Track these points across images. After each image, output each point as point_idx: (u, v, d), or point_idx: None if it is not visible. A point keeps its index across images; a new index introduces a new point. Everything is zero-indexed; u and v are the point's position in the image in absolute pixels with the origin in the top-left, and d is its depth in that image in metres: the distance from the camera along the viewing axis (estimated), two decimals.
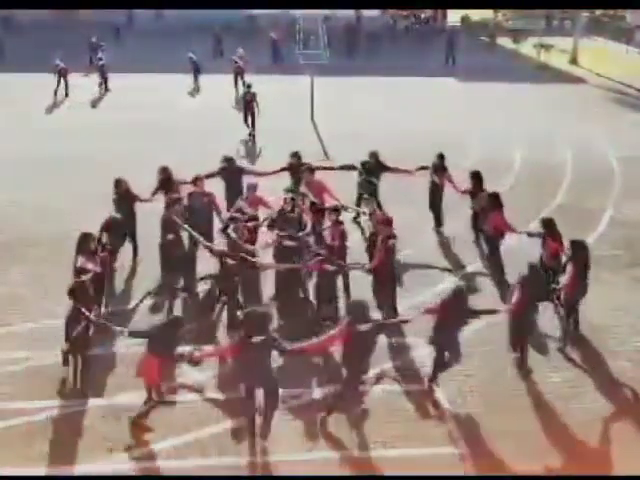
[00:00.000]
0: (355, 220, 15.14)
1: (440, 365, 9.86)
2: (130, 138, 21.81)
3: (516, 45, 42.69)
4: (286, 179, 14.60)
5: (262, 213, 13.23)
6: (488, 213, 13.12)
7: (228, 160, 14.41)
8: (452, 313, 9.55)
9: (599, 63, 36.86)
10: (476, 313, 9.84)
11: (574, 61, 37.85)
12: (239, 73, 28.26)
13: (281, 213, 12.56)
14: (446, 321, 9.61)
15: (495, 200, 13.07)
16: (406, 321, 9.92)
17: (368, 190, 14.65)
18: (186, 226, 12.18)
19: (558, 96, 29.85)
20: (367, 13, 46.36)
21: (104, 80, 28.58)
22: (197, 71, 30.03)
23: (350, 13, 45.27)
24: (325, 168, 14.45)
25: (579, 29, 39.64)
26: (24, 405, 9.54)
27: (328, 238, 11.73)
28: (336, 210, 12.02)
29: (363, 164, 15.08)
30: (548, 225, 11.84)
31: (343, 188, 14.39)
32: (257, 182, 13.61)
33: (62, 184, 17.47)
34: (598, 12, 46.61)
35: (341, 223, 11.92)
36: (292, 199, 12.67)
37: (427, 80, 31.98)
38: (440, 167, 14.95)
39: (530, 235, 12.49)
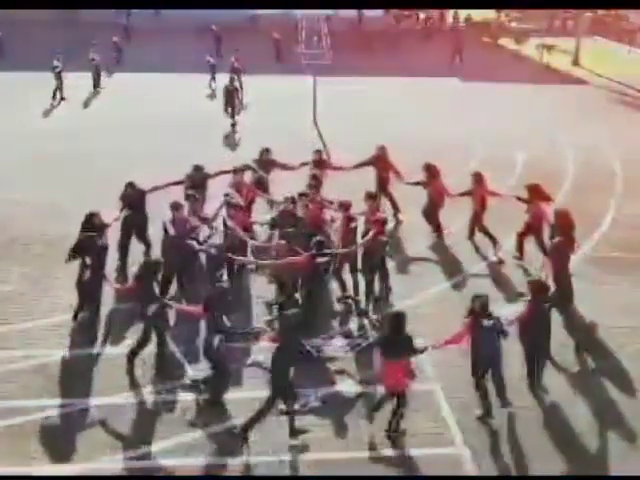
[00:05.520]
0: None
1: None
2: (131, 137, 21.78)
3: (518, 46, 42.60)
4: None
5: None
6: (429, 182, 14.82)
7: (130, 185, 13.57)
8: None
9: (601, 64, 36.78)
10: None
11: (576, 62, 37.73)
12: (237, 73, 28.12)
13: (283, 213, 12.56)
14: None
15: (433, 170, 14.79)
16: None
17: (262, 186, 14.87)
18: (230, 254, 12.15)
19: (560, 97, 29.80)
20: (369, 13, 46.26)
21: (97, 78, 28.52)
22: (213, 73, 29.93)
23: (352, 13, 45.21)
24: (223, 172, 14.50)
25: (581, 30, 39.55)
26: (24, 404, 9.53)
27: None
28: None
29: (256, 161, 15.35)
30: (477, 178, 14.36)
31: None
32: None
33: (62, 184, 17.44)
34: (600, 12, 46.43)
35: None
36: (292, 198, 12.64)
37: (429, 80, 31.92)
38: (319, 162, 15.40)
39: (462, 194, 14.46)
